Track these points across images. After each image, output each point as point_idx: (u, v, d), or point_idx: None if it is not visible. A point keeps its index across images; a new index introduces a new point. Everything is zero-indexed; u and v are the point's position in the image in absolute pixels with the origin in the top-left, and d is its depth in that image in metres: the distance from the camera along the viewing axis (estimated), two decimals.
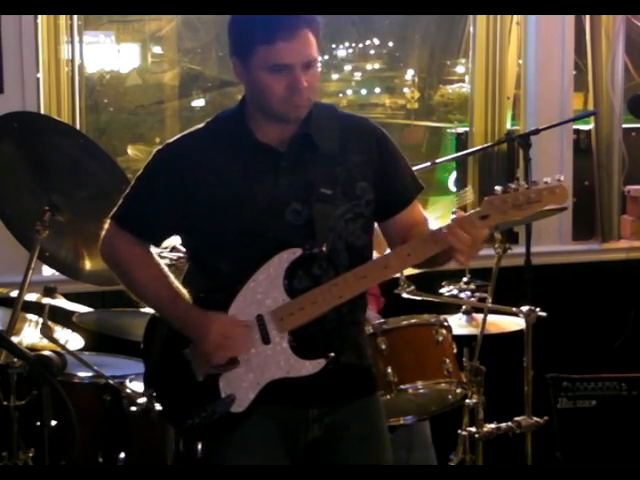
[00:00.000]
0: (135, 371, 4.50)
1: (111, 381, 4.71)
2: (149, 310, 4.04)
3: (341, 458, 3.87)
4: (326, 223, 3.70)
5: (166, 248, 4.10)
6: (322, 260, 3.71)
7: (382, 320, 5.07)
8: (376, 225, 3.97)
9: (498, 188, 3.64)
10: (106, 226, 3.81)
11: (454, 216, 3.63)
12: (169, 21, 8.21)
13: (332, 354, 3.68)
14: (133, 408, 4.64)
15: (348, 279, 3.68)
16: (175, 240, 4.01)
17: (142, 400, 4.52)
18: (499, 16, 6.99)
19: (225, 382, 3.70)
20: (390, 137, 3.94)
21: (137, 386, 4.63)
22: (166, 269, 3.84)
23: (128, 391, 4.62)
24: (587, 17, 7.13)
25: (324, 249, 3.67)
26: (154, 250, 3.89)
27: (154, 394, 4.07)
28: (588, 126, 7.27)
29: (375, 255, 4.04)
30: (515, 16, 7.03)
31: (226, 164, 3.71)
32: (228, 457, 3.77)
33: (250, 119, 3.71)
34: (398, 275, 5.21)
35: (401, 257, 3.70)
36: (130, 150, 7.18)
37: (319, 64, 3.68)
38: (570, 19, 7.06)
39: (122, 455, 4.69)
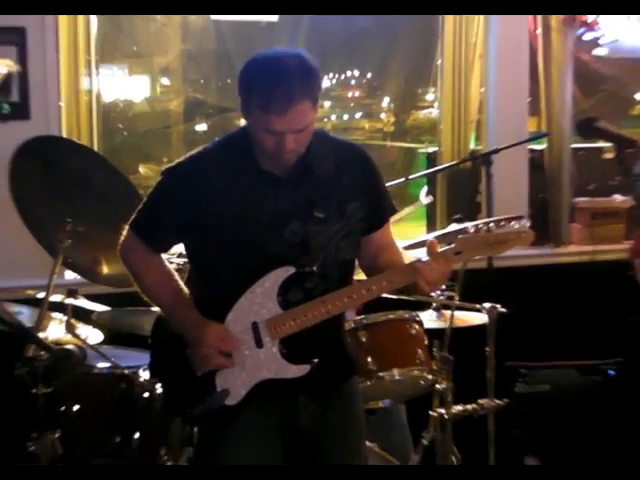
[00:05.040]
0: (147, 362, 4.47)
1: (126, 371, 4.70)
2: (157, 309, 4.01)
3: (324, 436, 3.87)
4: (319, 242, 3.69)
5: (174, 254, 4.07)
6: (314, 275, 3.69)
7: (363, 316, 5.07)
8: None
9: (470, 228, 3.69)
10: (124, 232, 3.81)
11: (429, 249, 3.62)
12: (175, 55, 8.22)
13: (315, 360, 3.70)
14: (145, 395, 4.64)
15: (336, 298, 3.68)
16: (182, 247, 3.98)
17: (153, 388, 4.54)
18: (464, 49, 7.00)
19: (221, 378, 3.71)
20: (374, 161, 3.92)
21: (148, 376, 4.62)
22: (173, 274, 3.83)
23: (141, 380, 4.60)
24: (540, 52, 7.13)
25: (315, 269, 3.68)
26: (164, 256, 3.88)
27: (158, 383, 4.07)
28: (541, 146, 7.30)
29: None
30: (478, 49, 7.02)
31: (231, 185, 3.66)
32: (223, 444, 3.77)
33: (254, 147, 3.65)
34: None
35: (381, 284, 3.69)
36: (141, 169, 7.17)
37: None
38: (526, 53, 7.06)
39: (136, 435, 4.66)
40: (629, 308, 5.91)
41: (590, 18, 7.07)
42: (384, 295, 4.32)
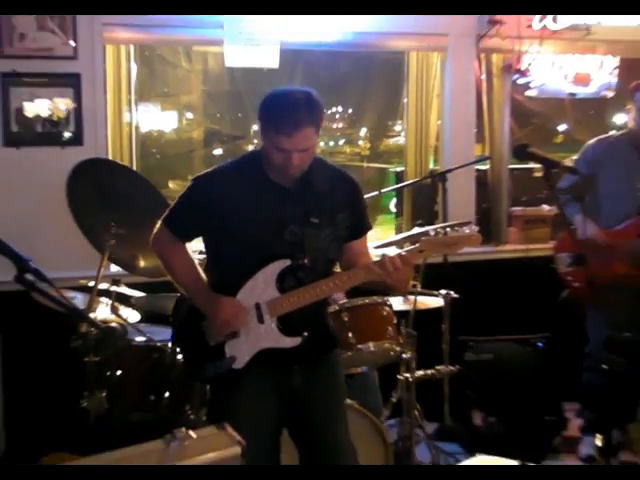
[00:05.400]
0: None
1: (158, 344, 4.71)
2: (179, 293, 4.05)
3: (313, 394, 3.92)
4: (313, 243, 3.77)
5: (195, 251, 4.08)
6: (306, 268, 3.78)
7: (345, 300, 5.08)
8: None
9: (431, 231, 3.76)
10: (157, 225, 3.89)
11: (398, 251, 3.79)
12: (197, 95, 8.27)
13: (305, 333, 3.80)
14: (173, 362, 4.65)
15: (322, 285, 3.77)
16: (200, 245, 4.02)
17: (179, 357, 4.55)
18: (424, 91, 7.00)
19: (229, 347, 3.78)
20: (361, 187, 4.02)
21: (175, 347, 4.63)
22: (194, 260, 3.91)
23: (170, 350, 4.60)
24: (484, 93, 7.14)
25: (306, 261, 3.76)
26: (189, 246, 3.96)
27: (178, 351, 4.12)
28: (485, 167, 7.29)
29: None
30: (436, 91, 7.02)
31: (244, 194, 3.73)
32: (231, 399, 3.80)
33: (265, 163, 3.74)
34: None
35: (358, 274, 3.78)
36: (170, 184, 7.19)
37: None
38: (473, 93, 7.06)
39: (167, 394, 4.67)
40: (554, 293, 5.92)
41: (523, 67, 7.07)
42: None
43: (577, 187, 5.66)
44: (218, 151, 8.23)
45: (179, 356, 4.57)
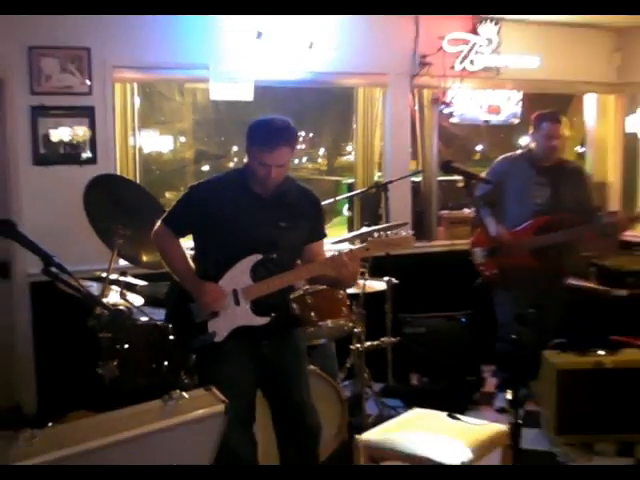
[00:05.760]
0: None
1: (158, 323, 4.66)
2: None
3: (281, 362, 3.94)
4: (281, 242, 3.80)
5: (187, 248, 4.07)
6: (275, 261, 3.80)
7: (308, 287, 5.05)
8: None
9: (375, 233, 3.82)
10: (157, 223, 3.91)
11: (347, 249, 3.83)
12: (188, 123, 8.27)
13: (273, 314, 3.82)
14: (171, 337, 4.60)
15: (288, 274, 3.83)
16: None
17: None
18: (370, 119, 7.00)
19: (211, 324, 3.79)
20: (321, 202, 4.06)
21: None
22: (185, 252, 3.93)
23: (166, 327, 4.56)
24: (417, 120, 7.15)
25: (275, 256, 3.79)
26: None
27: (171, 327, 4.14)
28: (419, 179, 7.28)
29: None
30: (379, 119, 7.01)
31: (229, 200, 3.77)
32: (214, 366, 3.80)
33: (249, 177, 3.78)
34: None
35: (314, 267, 3.84)
36: (167, 194, 7.14)
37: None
38: (408, 121, 7.07)
39: (166, 363, 4.63)
40: (473, 279, 5.93)
41: (448, 99, 7.09)
42: None
43: (488, 195, 5.72)
44: (205, 167, 8.24)
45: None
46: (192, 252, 3.99)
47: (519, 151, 6.16)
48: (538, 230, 5.73)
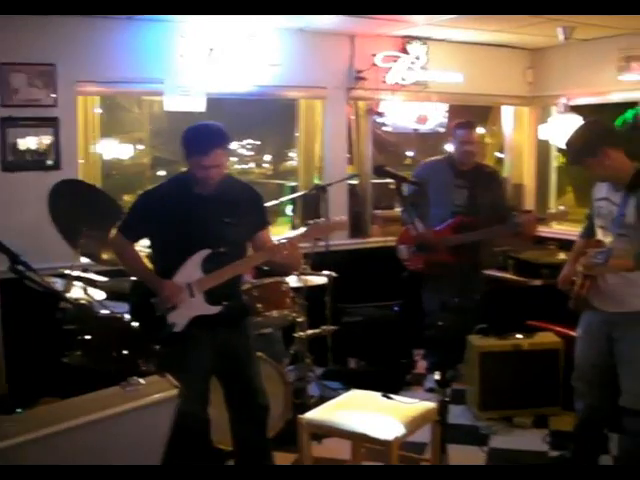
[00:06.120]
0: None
1: (118, 315, 4.58)
2: (134, 278, 4.05)
3: (234, 349, 3.94)
4: (227, 236, 3.78)
5: (144, 246, 4.05)
6: (223, 254, 3.78)
7: (255, 280, 5.04)
8: None
9: (312, 221, 3.91)
10: (114, 232, 3.93)
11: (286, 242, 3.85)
12: (146, 132, 8.20)
13: (225, 303, 3.82)
14: (129, 328, 4.53)
15: (237, 264, 3.83)
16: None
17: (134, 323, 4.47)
18: (311, 127, 7.02)
19: (170, 316, 3.78)
20: (260, 194, 4.05)
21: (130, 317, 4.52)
22: (140, 255, 3.94)
23: (126, 320, 4.50)
24: (354, 128, 7.17)
25: (223, 249, 3.77)
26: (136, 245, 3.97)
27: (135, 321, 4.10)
28: (355, 182, 7.29)
29: None
30: (319, 127, 7.03)
31: (178, 202, 3.75)
32: (175, 354, 3.77)
33: (191, 180, 3.77)
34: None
35: (259, 256, 3.90)
36: (126, 197, 7.06)
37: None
38: (345, 129, 7.09)
39: (125, 352, 4.54)
40: (402, 271, 5.95)
41: (381, 110, 7.15)
42: (266, 268, 4.41)
43: (414, 196, 5.71)
44: (162, 172, 8.15)
45: (133, 323, 4.48)
46: (148, 250, 3.99)
47: (440, 156, 6.20)
48: (456, 229, 5.78)
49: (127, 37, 5.91)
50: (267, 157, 9.64)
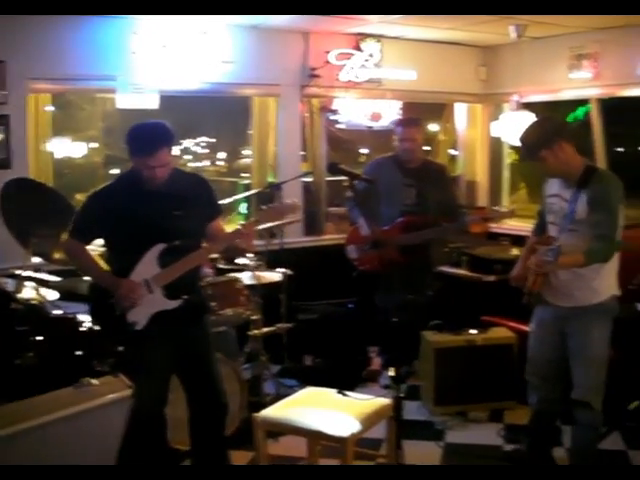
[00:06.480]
0: (83, 310, 4.35)
1: (70, 315, 4.55)
2: (87, 278, 4.04)
3: (195, 348, 3.95)
4: (180, 228, 3.76)
5: (98, 245, 4.02)
6: (178, 247, 3.77)
7: (210, 278, 5.04)
8: None
9: (264, 206, 3.96)
10: (65, 235, 3.89)
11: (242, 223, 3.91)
12: (98, 130, 8.13)
13: (185, 297, 3.80)
14: (82, 329, 4.49)
15: (192, 256, 3.81)
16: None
17: (87, 324, 4.42)
18: (264, 125, 7.00)
19: (131, 315, 3.74)
20: (209, 182, 4.06)
21: (84, 317, 4.47)
22: (93, 256, 3.90)
23: (79, 320, 4.46)
24: (308, 126, 7.17)
25: (177, 242, 3.75)
26: (89, 246, 3.91)
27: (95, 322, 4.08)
28: (310, 179, 7.29)
29: None
30: (272, 124, 7.03)
31: (127, 200, 3.72)
32: (137, 351, 3.78)
33: (138, 177, 3.73)
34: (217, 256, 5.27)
35: (213, 246, 3.95)
36: (78, 196, 6.99)
37: (176, 153, 3.83)
38: (299, 126, 7.10)
39: (78, 352, 4.51)
40: (350, 269, 5.97)
41: (335, 107, 7.17)
42: (221, 266, 4.40)
43: (362, 195, 5.59)
44: (115, 170, 8.10)
45: (87, 324, 4.44)
46: (102, 248, 3.96)
47: (387, 154, 6.19)
48: (404, 229, 5.78)
49: (79, 34, 5.84)
50: (221, 155, 9.63)
